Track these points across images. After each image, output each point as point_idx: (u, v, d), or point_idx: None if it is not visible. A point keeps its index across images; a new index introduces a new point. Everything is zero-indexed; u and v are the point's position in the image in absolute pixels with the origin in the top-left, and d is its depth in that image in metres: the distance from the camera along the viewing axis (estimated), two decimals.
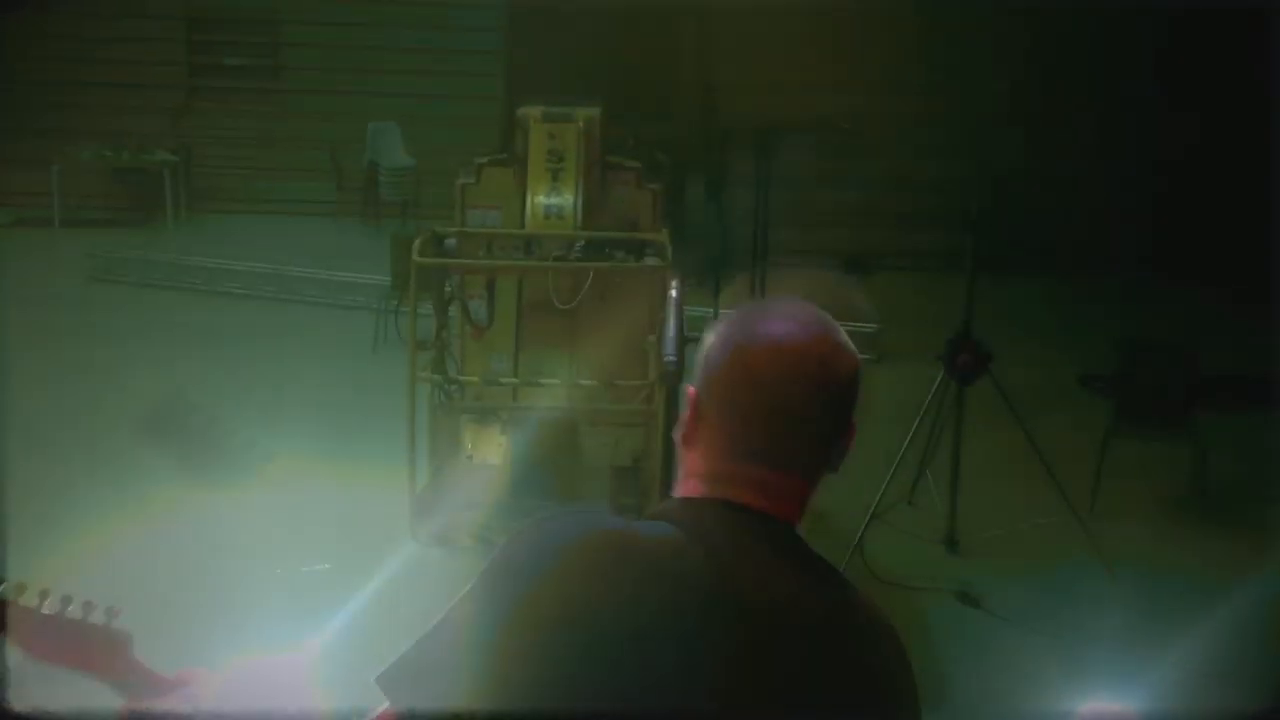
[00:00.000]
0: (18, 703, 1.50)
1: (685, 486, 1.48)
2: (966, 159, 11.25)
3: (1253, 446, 7.22)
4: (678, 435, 1.50)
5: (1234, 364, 8.55)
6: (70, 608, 1.50)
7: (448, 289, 6.08)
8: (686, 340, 2.69)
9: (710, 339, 1.49)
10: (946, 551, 5.99)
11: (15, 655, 1.49)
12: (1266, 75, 9.22)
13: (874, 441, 7.32)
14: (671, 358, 2.91)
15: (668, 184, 7.33)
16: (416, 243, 5.67)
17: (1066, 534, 5.93)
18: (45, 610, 1.49)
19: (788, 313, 1.49)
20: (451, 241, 5.78)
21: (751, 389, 1.44)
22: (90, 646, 1.50)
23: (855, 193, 12.79)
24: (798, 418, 1.46)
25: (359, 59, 13.74)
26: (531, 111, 6.02)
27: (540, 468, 5.43)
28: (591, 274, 5.56)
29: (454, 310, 6.14)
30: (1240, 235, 10.54)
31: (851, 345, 1.52)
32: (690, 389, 1.48)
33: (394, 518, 5.69)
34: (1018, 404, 6.01)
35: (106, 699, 1.55)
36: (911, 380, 6.85)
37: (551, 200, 5.83)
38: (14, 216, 13.08)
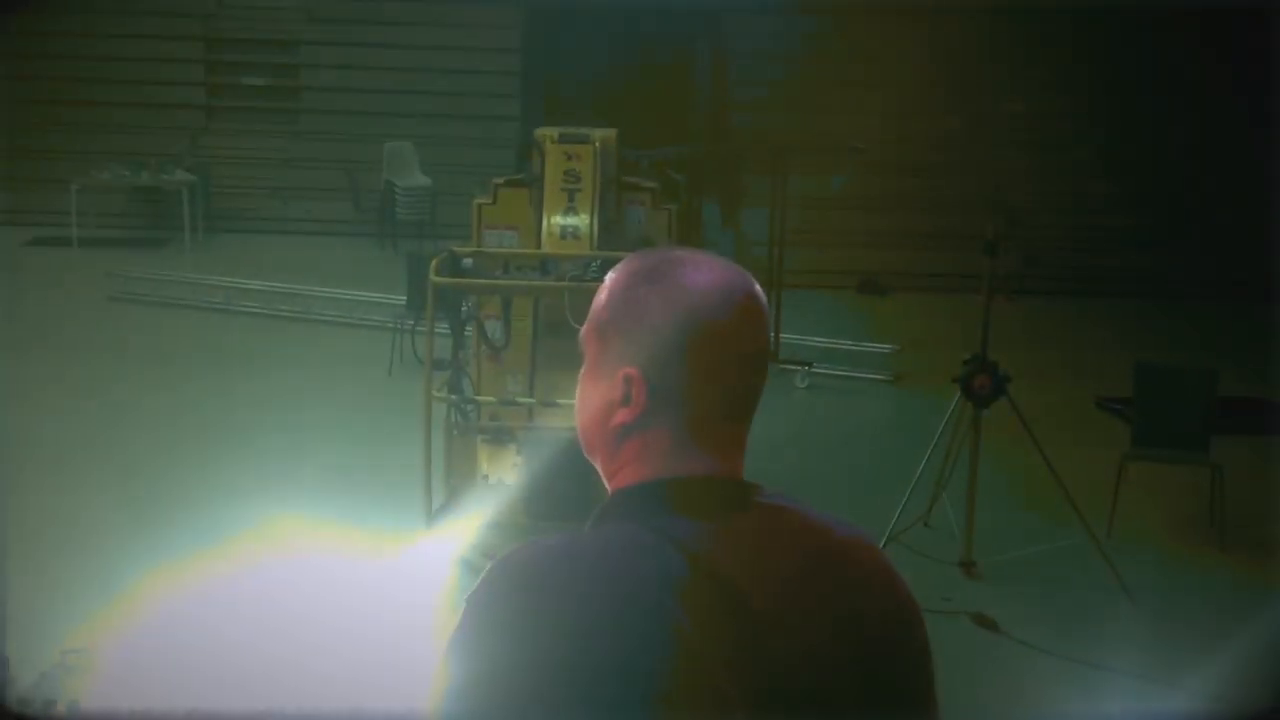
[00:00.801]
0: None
1: (634, 472, 1.39)
2: (983, 180, 11.27)
3: (1271, 469, 7.18)
4: (614, 423, 1.40)
5: (1252, 386, 8.51)
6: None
7: (464, 309, 6.09)
8: None
9: (633, 313, 1.39)
10: (963, 574, 5.97)
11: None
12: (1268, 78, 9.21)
13: (891, 463, 7.32)
14: None
15: (683, 205, 7.34)
16: (434, 263, 5.68)
17: (1083, 557, 5.90)
18: None
19: (693, 260, 1.41)
20: (468, 262, 5.80)
21: (723, 348, 1.37)
22: None
23: (871, 214, 12.79)
24: (763, 357, 1.42)
25: (376, 80, 13.81)
26: (548, 132, 6.04)
27: (555, 488, 5.43)
28: None
29: (470, 330, 6.15)
30: (1261, 254, 10.50)
31: None
32: (628, 371, 1.38)
33: (409, 535, 5.70)
34: (1035, 426, 5.99)
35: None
36: (928, 402, 6.85)
37: (568, 221, 5.84)
38: (33, 235, 13.15)
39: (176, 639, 4.92)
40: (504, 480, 5.88)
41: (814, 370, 9.13)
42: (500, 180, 6.27)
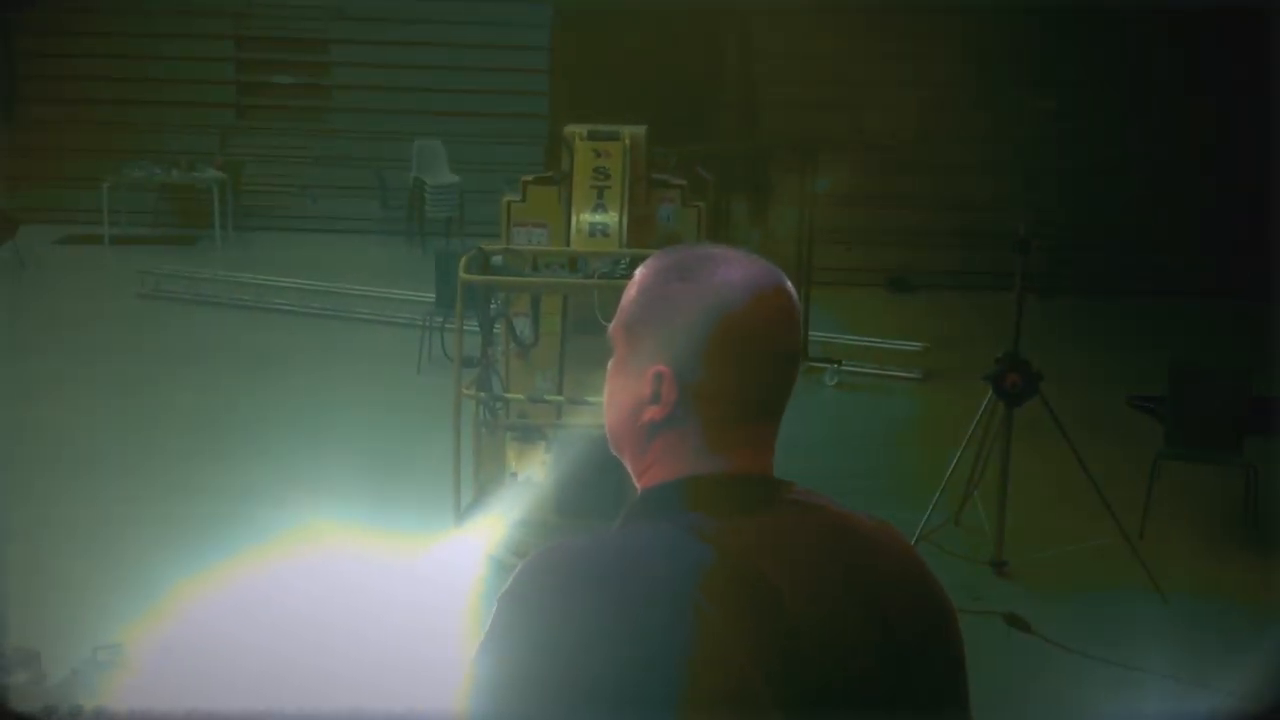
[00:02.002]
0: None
1: (663, 470, 1.39)
2: (1014, 177, 11.18)
3: None
4: (643, 420, 1.39)
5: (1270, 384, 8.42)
6: None
7: (493, 306, 6.09)
8: None
9: (663, 310, 1.38)
10: (994, 573, 5.93)
11: None
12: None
13: (921, 461, 7.27)
14: None
15: (712, 202, 7.31)
16: (463, 260, 5.68)
17: (1116, 557, 5.86)
18: None
19: (724, 257, 1.40)
20: (498, 259, 5.79)
21: (753, 345, 1.36)
22: None
23: (901, 211, 12.74)
24: (794, 356, 1.41)
25: (405, 78, 13.85)
26: (577, 130, 6.03)
27: (584, 485, 5.43)
28: None
29: (499, 327, 6.15)
30: (1265, 254, 10.39)
31: None
32: (658, 369, 1.37)
33: (439, 532, 5.70)
34: (1067, 425, 5.94)
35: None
36: (959, 400, 6.80)
37: (597, 218, 5.83)
38: (65, 233, 13.23)
39: (202, 640, 4.93)
40: (533, 477, 5.88)
41: (843, 368, 9.10)
42: (529, 178, 6.27)
